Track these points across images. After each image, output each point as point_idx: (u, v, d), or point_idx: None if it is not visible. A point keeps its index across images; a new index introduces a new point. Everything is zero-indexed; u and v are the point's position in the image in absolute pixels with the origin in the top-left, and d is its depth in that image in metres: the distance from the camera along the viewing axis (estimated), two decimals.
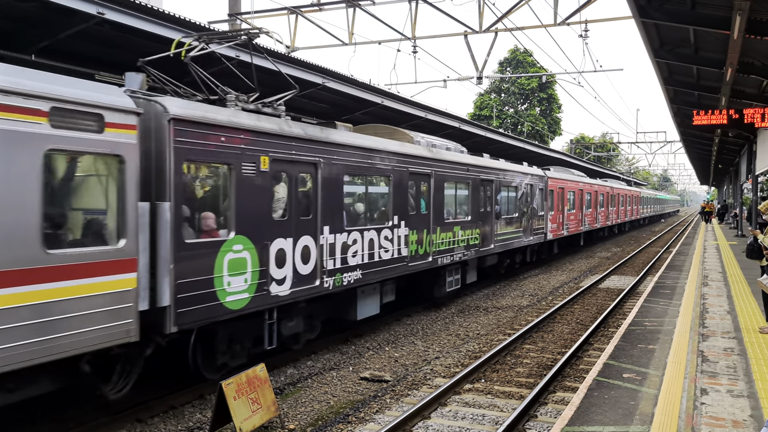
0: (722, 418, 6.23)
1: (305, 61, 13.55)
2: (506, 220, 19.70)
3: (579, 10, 16.91)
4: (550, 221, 25.02)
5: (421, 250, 14.14)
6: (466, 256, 16.59)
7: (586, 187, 32.43)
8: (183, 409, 8.81)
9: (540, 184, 23.57)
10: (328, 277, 10.82)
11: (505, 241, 19.62)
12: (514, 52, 61.56)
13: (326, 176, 10.84)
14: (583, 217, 31.72)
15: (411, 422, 8.14)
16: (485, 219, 17.90)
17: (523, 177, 21.28)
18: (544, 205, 24.16)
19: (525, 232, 21.53)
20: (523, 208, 21.27)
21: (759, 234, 10.67)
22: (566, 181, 28.14)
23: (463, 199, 16.69)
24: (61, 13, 8.92)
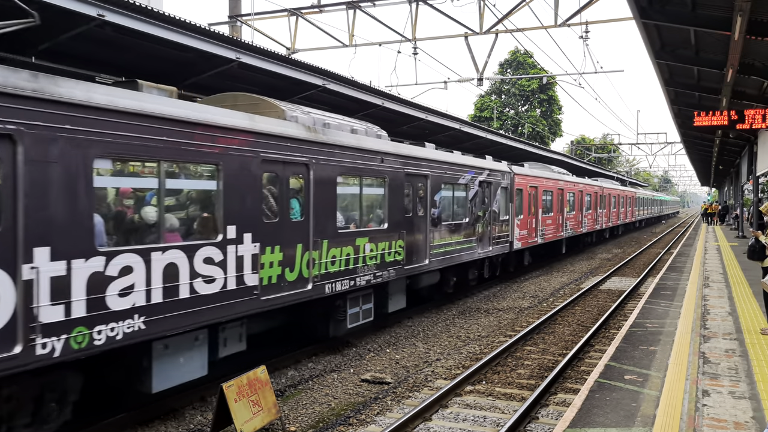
0: (724, 419, 6.22)
1: (305, 63, 13.54)
2: (449, 227, 15.63)
3: (579, 11, 16.94)
4: (518, 227, 21.12)
5: (291, 274, 9.87)
6: (383, 278, 12.51)
7: (568, 186, 28.54)
8: (184, 411, 8.80)
9: (503, 182, 19.66)
10: (46, 337, 6.32)
11: (448, 254, 15.54)
12: (515, 54, 61.56)
13: (44, 157, 6.34)
14: (565, 221, 27.90)
15: (412, 424, 8.13)
16: (414, 226, 13.84)
17: (476, 173, 17.25)
18: (510, 207, 20.38)
19: (480, 241, 17.63)
20: (477, 211, 17.40)
21: (760, 235, 10.66)
22: (540, 179, 24.04)
23: (374, 201, 12.72)
24: (62, 14, 8.91)
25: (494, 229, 18.80)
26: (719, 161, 40.88)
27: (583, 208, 31.66)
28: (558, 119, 64.20)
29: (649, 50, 13.98)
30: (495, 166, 19.17)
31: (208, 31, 10.95)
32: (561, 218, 27.36)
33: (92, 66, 10.92)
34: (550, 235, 25.58)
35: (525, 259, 23.88)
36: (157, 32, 9.94)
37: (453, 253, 15.88)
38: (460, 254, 16.31)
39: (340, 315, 11.79)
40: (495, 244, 18.93)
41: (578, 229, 30.96)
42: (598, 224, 36.09)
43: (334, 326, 11.87)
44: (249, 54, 11.94)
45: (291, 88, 14.34)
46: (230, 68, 12.03)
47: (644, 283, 21.32)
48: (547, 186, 24.96)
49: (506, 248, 20.15)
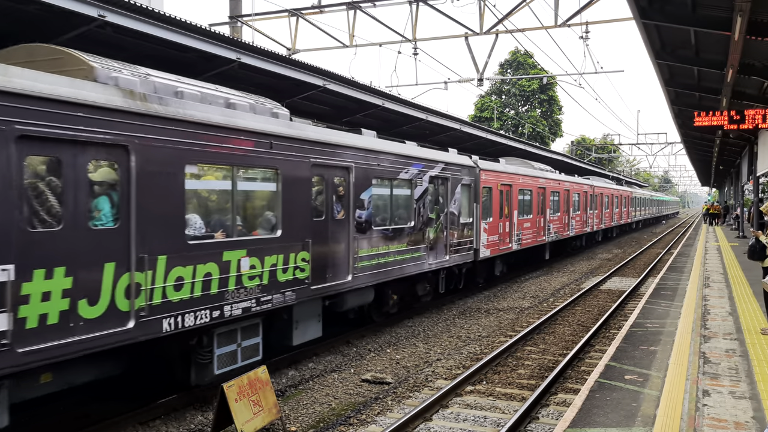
0: (724, 419, 6.22)
1: (306, 63, 13.56)
2: (385, 233, 12.71)
3: (580, 11, 16.96)
4: (486, 232, 18.24)
5: (93, 309, 6.82)
6: (275, 303, 9.51)
7: (552, 184, 25.59)
8: (184, 411, 8.80)
9: (466, 179, 16.82)
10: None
11: (383, 267, 12.60)
12: (515, 54, 61.59)
13: None
14: (547, 224, 25.06)
15: (412, 424, 8.14)
16: (328, 233, 10.93)
17: (424, 166, 14.32)
18: (474, 209, 17.56)
19: (432, 249, 14.79)
20: (428, 213, 14.54)
21: (761, 235, 10.66)
22: (515, 176, 21.02)
23: (259, 200, 9.80)
24: (62, 15, 8.92)
25: (452, 235, 15.86)
26: (719, 161, 40.90)
27: (571, 209, 28.86)
28: (558, 119, 64.23)
29: (649, 50, 13.98)
30: (453, 159, 16.24)
31: (209, 31, 10.97)
32: (543, 221, 24.46)
33: None
34: (529, 240, 22.67)
35: (496, 269, 20.52)
36: (157, 33, 9.96)
37: (391, 265, 12.93)
38: (402, 266, 13.37)
39: (203, 357, 8.71)
40: (454, 252, 15.99)
41: (564, 233, 27.98)
42: (589, 227, 33.26)
43: (197, 372, 8.79)
44: (249, 54, 11.96)
45: (292, 89, 14.36)
46: (231, 69, 12.05)
47: (644, 283, 21.32)
48: (524, 184, 22.06)
49: (470, 257, 17.17)
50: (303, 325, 10.76)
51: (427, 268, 14.70)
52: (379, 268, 12.51)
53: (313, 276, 10.41)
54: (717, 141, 29.32)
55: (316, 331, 11.14)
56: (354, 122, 18.50)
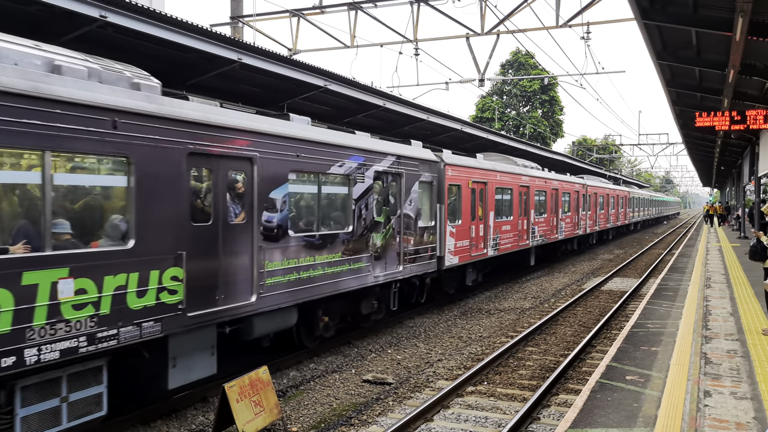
0: (725, 420, 6.22)
1: (307, 64, 13.57)
2: (310, 241, 10.46)
3: (581, 12, 16.98)
4: (453, 236, 15.97)
5: None
6: (124, 339, 7.27)
7: (537, 183, 23.38)
8: (186, 411, 8.81)
9: (425, 175, 14.58)
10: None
11: (307, 283, 10.35)
12: (516, 54, 61.59)
13: None
14: (532, 227, 22.81)
15: (413, 425, 8.14)
16: (218, 242, 8.60)
17: (366, 160, 12.07)
18: (438, 210, 15.29)
19: (380, 259, 12.57)
20: (373, 215, 12.37)
21: (762, 235, 10.66)
22: (491, 173, 18.65)
23: (93, 197, 7.40)
24: (63, 16, 8.94)
25: (407, 241, 13.64)
26: (721, 162, 40.88)
27: (560, 211, 26.69)
28: (559, 120, 64.23)
29: (650, 51, 13.98)
30: (407, 151, 13.81)
31: (210, 32, 10.97)
32: (526, 223, 22.09)
33: None
34: (509, 244, 20.37)
35: (468, 278, 18.03)
36: (158, 33, 9.97)
37: (319, 280, 10.66)
38: (336, 281, 11.15)
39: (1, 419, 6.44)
40: (410, 261, 13.72)
41: (552, 236, 25.69)
42: (581, 229, 30.99)
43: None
44: (250, 55, 11.96)
45: (293, 89, 14.36)
46: (232, 69, 12.05)
47: (646, 283, 21.30)
48: (503, 182, 19.69)
49: (432, 266, 14.92)
50: (185, 363, 8.23)
51: (373, 281, 12.33)
52: (301, 285, 10.21)
53: (191, 299, 8.02)
54: (718, 141, 29.31)
55: (207, 367, 8.62)
56: (354, 123, 18.52)
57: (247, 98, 14.55)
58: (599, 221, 35.64)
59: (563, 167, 38.24)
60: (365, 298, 12.78)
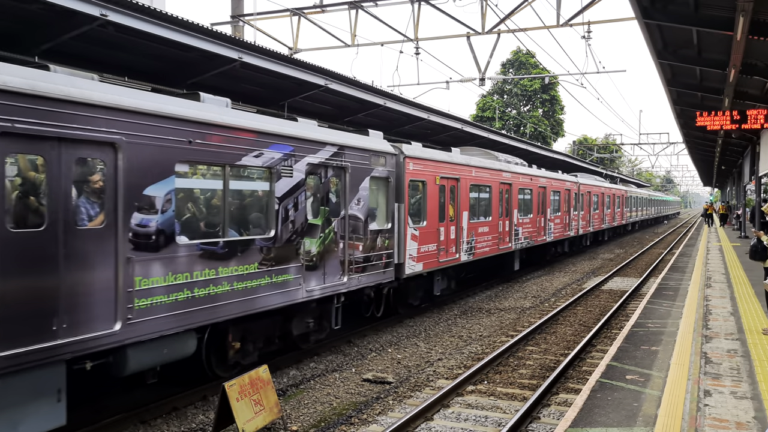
0: (726, 419, 6.22)
1: (308, 63, 13.57)
2: (211, 249, 8.57)
3: (582, 11, 16.97)
4: (416, 240, 14.08)
5: None
6: None
7: (521, 180, 21.54)
8: (186, 410, 8.82)
9: (379, 169, 12.63)
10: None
11: (205, 303, 8.43)
12: (517, 54, 61.59)
13: None
14: (515, 228, 20.92)
15: (413, 424, 8.14)
16: (57, 253, 6.55)
17: (295, 150, 10.18)
18: (396, 211, 13.41)
19: (315, 269, 10.67)
20: (306, 217, 10.45)
21: (762, 235, 10.66)
22: (464, 168, 16.73)
23: None
24: (64, 14, 8.94)
25: (355, 247, 11.76)
26: (722, 161, 40.85)
27: (548, 211, 24.90)
28: (560, 119, 64.25)
29: (651, 50, 13.97)
30: (355, 141, 11.93)
31: (211, 30, 10.97)
32: (508, 224, 20.20)
33: (94, 66, 10.93)
34: (487, 248, 18.45)
35: (436, 287, 15.90)
36: (159, 32, 9.97)
37: (225, 298, 8.72)
38: (249, 298, 9.19)
39: None
40: (358, 270, 11.90)
41: (539, 238, 23.94)
42: (572, 230, 29.12)
43: None
44: (251, 54, 11.96)
45: (293, 88, 14.36)
46: (232, 68, 12.05)
47: (646, 283, 21.31)
48: (480, 179, 17.79)
49: (388, 275, 13.01)
50: (7, 416, 6.10)
51: (305, 296, 10.38)
52: (197, 305, 8.22)
53: (6, 331, 5.99)
54: (719, 141, 29.28)
55: (48, 418, 6.46)
56: (356, 122, 18.52)
57: (249, 97, 14.55)
58: (593, 222, 33.75)
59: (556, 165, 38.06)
60: (296, 316, 10.65)
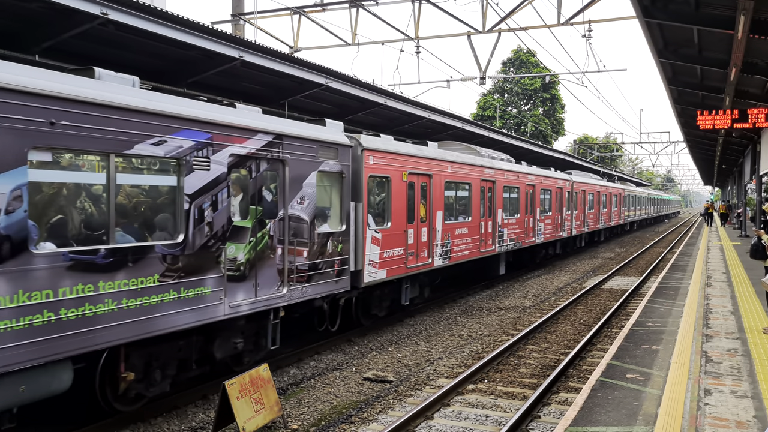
0: (726, 418, 6.22)
1: (308, 62, 13.56)
2: (92, 259, 6.94)
3: (582, 10, 16.95)
4: (379, 244, 12.59)
5: None
6: None
7: (506, 177, 20.01)
8: (186, 409, 8.82)
9: (330, 163, 11.05)
10: None
11: (84, 326, 6.81)
12: (518, 53, 61.57)
13: None
14: (500, 230, 19.34)
15: (414, 422, 8.14)
16: None
17: (212, 137, 8.51)
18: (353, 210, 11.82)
19: (244, 280, 9.06)
20: (229, 218, 8.84)
21: (763, 234, 10.66)
22: (438, 163, 15.10)
23: None
24: (65, 13, 8.94)
25: (297, 253, 10.21)
26: (722, 160, 40.83)
27: (537, 210, 23.36)
28: (561, 118, 64.23)
29: (652, 49, 13.96)
30: (297, 130, 10.27)
31: (211, 29, 10.97)
32: (492, 225, 18.75)
33: (94, 64, 10.92)
34: (466, 251, 16.95)
35: (404, 296, 14.18)
36: (160, 31, 9.97)
37: (111, 319, 7.12)
38: (146, 319, 7.55)
39: None
40: (302, 280, 10.30)
41: (527, 239, 22.28)
42: (565, 230, 27.55)
43: None
44: (252, 52, 11.96)
45: (294, 87, 14.36)
46: (233, 67, 12.05)
47: (647, 282, 21.30)
48: (457, 175, 16.27)
49: (342, 284, 11.44)
50: None
51: (229, 313, 8.68)
52: (63, 330, 6.60)
53: None
54: (720, 140, 29.27)
55: None
56: (356, 120, 18.52)
57: (249, 96, 14.56)
58: (588, 222, 32.12)
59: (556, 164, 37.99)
60: (219, 336, 9.02)
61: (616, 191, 40.16)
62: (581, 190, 30.52)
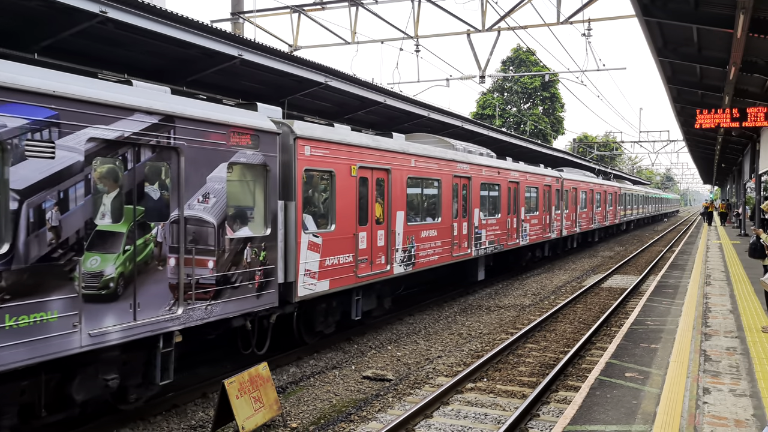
0: (725, 417, 6.22)
1: (308, 60, 13.56)
2: None
3: (582, 8, 16.95)
4: (319, 251, 10.70)
5: None
6: None
7: (485, 173, 18.17)
8: (186, 407, 8.83)
9: (249, 155, 9.15)
10: None
11: None
12: (517, 51, 61.53)
13: None
14: (477, 231, 17.42)
15: (413, 421, 8.15)
16: None
17: (65, 117, 6.64)
18: (282, 211, 9.99)
19: (115, 300, 7.13)
20: (104, 219, 7.24)
21: (762, 233, 10.66)
22: (398, 157, 13.29)
23: None
24: (64, 11, 8.94)
25: (199, 264, 8.28)
26: (722, 159, 40.84)
27: (522, 209, 21.54)
28: (560, 117, 64.21)
29: (651, 48, 13.96)
30: (198, 111, 8.33)
31: (211, 28, 10.98)
32: (467, 226, 16.89)
33: (94, 62, 10.94)
34: (435, 256, 15.00)
35: (355, 310, 12.27)
36: (159, 29, 9.97)
37: None
38: None
39: None
40: (206, 296, 8.35)
41: (510, 241, 20.43)
42: (554, 231, 25.84)
43: None
44: (251, 51, 11.96)
45: (293, 86, 14.36)
46: (232, 65, 12.05)
47: (646, 281, 21.31)
48: (423, 170, 14.37)
49: (268, 299, 9.50)
50: None
51: (88, 344, 6.83)
52: None
53: None
54: (719, 139, 29.28)
55: None
56: (356, 119, 18.51)
57: (248, 94, 14.55)
58: (580, 222, 30.32)
59: (557, 162, 37.99)
60: (81, 374, 7.15)
61: (611, 189, 38.61)
62: (572, 188, 28.82)
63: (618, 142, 62.16)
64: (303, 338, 11.54)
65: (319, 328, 11.73)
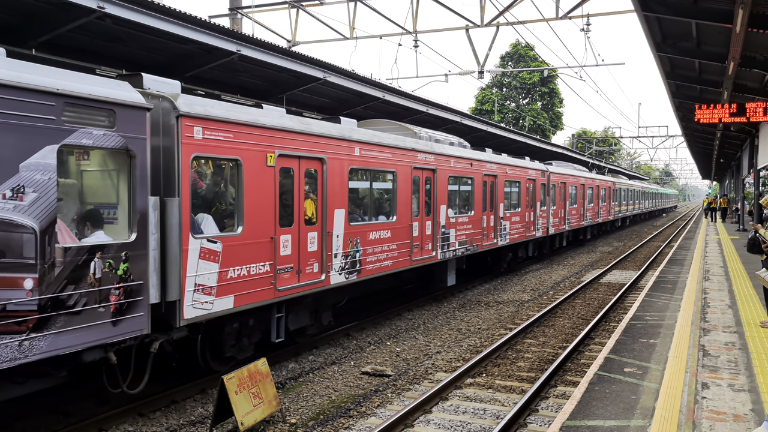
0: (723, 412, 6.23)
1: (306, 56, 13.53)
2: None
3: (581, 3, 16.93)
4: (217, 260, 8.52)
5: None
6: None
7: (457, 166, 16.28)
8: (185, 403, 8.83)
9: (91, 134, 6.76)
10: None
11: None
12: (516, 46, 61.45)
13: None
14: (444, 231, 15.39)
15: (412, 416, 8.16)
16: None
17: None
18: (154, 210, 7.67)
19: None
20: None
21: (760, 228, 10.66)
22: (338, 144, 11.21)
23: None
24: (61, 7, 8.91)
25: (9, 284, 6.04)
26: (720, 154, 40.84)
27: (501, 206, 19.41)
28: (559, 112, 64.16)
29: (650, 43, 13.93)
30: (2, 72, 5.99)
31: (209, 23, 10.94)
32: (431, 226, 14.88)
33: (92, 58, 10.92)
34: (389, 260, 13.02)
35: (275, 331, 10.14)
36: (157, 24, 9.93)
37: None
38: None
39: None
40: (23, 329, 6.10)
41: (486, 242, 18.32)
42: (539, 229, 23.79)
43: None
44: (249, 46, 11.93)
45: (292, 81, 14.33)
46: (231, 61, 12.02)
47: (645, 276, 21.34)
48: (371, 161, 12.36)
49: (134, 325, 7.32)
50: None
51: None
52: None
53: None
54: (718, 134, 29.27)
55: None
56: (354, 114, 18.48)
57: (247, 90, 14.53)
58: (570, 219, 28.37)
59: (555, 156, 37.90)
60: None
61: (604, 184, 36.28)
62: (561, 182, 26.46)
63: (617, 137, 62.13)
64: (210, 366, 9.39)
65: (230, 353, 9.57)
